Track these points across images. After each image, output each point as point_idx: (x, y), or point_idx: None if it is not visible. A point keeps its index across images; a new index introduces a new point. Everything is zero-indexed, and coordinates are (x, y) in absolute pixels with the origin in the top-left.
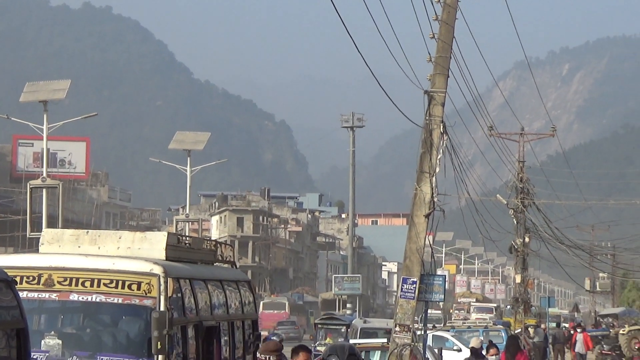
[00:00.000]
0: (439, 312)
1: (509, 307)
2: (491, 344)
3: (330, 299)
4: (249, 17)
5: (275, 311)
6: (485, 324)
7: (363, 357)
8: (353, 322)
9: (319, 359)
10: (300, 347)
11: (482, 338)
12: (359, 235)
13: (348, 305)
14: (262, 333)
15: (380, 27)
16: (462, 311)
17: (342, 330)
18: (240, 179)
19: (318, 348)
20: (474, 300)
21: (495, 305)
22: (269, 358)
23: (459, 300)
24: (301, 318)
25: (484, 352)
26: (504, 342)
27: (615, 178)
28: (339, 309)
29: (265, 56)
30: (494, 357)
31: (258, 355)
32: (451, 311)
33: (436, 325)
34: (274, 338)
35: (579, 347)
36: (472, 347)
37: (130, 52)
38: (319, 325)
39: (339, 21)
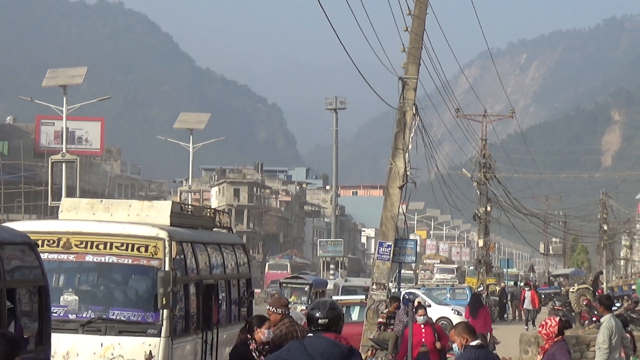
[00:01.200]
0: (411, 272)
1: (472, 267)
2: (420, 305)
3: (330, 261)
4: (246, 11)
5: (279, 271)
6: (452, 283)
7: (344, 312)
8: (335, 281)
9: (304, 313)
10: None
11: (421, 299)
12: (341, 204)
13: (331, 267)
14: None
15: (361, 22)
16: (427, 271)
17: (306, 289)
18: (236, 155)
19: None
20: (438, 261)
21: (456, 266)
22: (285, 312)
23: (424, 261)
24: None
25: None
26: (468, 299)
27: (567, 154)
28: (333, 269)
29: (260, 45)
30: (422, 317)
31: (269, 308)
32: (417, 271)
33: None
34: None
35: (527, 304)
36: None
37: (140, 43)
38: (284, 285)
39: (331, 11)
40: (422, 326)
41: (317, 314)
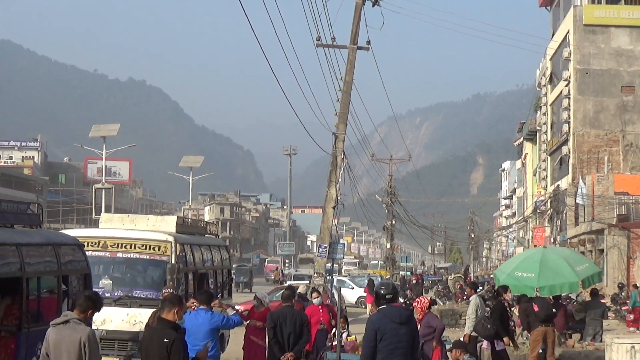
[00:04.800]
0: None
1: (381, 262)
2: (314, 290)
3: (304, 258)
4: (229, 85)
5: (273, 264)
6: (369, 273)
7: (295, 292)
8: (289, 270)
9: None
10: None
11: (308, 284)
12: (294, 218)
13: (287, 261)
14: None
15: (308, 95)
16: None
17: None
18: (222, 185)
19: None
20: (353, 257)
21: (358, 260)
22: (173, 292)
23: None
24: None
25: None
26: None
27: (446, 186)
28: (288, 263)
29: (239, 110)
30: (317, 299)
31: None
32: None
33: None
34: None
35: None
36: (299, 293)
37: (156, 108)
38: None
39: (287, 88)
40: (320, 307)
41: (384, 291)
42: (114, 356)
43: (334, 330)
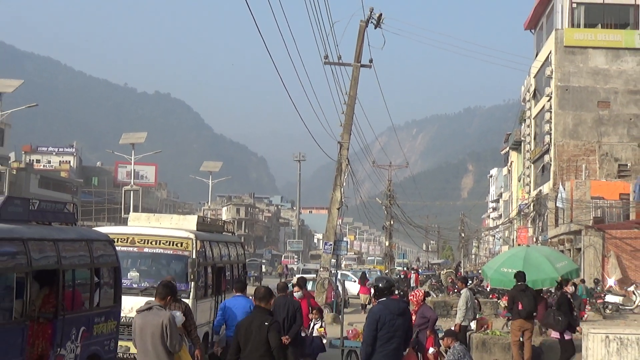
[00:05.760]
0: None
1: (378, 258)
2: (297, 283)
3: (314, 254)
4: (245, 98)
5: (289, 259)
6: (368, 268)
7: (304, 284)
8: (298, 265)
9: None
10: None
11: (315, 277)
12: (302, 218)
13: (295, 257)
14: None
15: (316, 108)
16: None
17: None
18: (238, 187)
19: None
20: (353, 253)
21: (357, 256)
22: (172, 280)
23: None
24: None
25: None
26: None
27: (440, 190)
28: (296, 257)
29: (254, 119)
30: (298, 293)
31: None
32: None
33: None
34: None
35: (412, 283)
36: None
37: (180, 118)
38: None
39: (297, 101)
40: (299, 300)
41: (384, 285)
42: None
43: (310, 323)
